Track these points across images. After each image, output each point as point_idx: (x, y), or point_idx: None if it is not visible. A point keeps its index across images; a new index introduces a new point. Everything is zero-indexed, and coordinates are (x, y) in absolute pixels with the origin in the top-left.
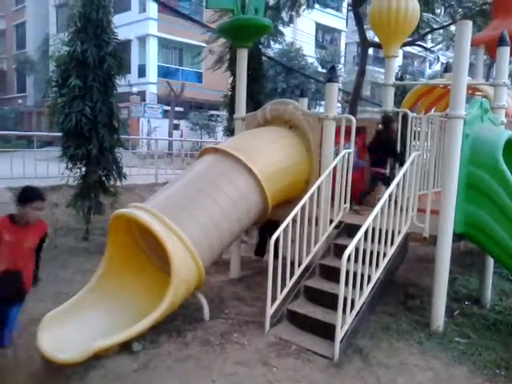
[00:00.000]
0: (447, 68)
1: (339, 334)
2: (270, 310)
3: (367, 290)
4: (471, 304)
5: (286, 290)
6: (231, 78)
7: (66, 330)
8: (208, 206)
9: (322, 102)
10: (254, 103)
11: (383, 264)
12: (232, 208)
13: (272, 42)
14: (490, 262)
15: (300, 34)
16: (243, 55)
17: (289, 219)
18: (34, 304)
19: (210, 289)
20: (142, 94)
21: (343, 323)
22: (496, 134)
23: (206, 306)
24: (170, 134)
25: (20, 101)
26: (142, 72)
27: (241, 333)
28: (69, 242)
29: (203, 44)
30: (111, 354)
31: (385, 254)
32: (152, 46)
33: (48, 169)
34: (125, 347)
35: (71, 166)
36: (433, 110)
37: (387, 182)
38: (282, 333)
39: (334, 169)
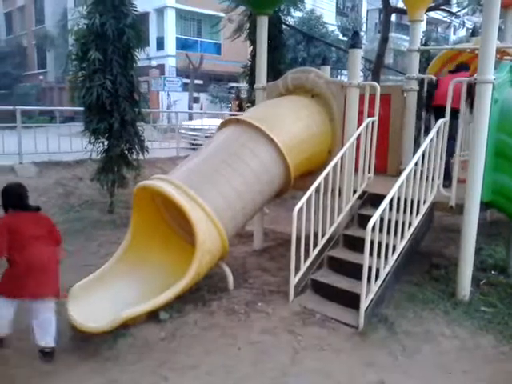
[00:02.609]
0: (474, 32)
1: (364, 303)
2: (294, 280)
3: (392, 259)
4: (497, 274)
5: (309, 261)
6: (251, 48)
7: (95, 300)
8: (231, 178)
9: (344, 72)
10: (274, 73)
11: (408, 234)
12: (255, 179)
13: (292, 10)
14: None
15: (320, 0)
16: (263, 23)
17: (311, 190)
18: (62, 275)
19: (234, 259)
20: (160, 68)
21: (368, 292)
22: None
23: (231, 276)
24: (190, 107)
25: (41, 77)
26: (160, 45)
27: (265, 302)
28: (94, 215)
29: (222, 14)
30: (139, 322)
31: (410, 224)
32: (170, 18)
33: (71, 143)
34: (152, 316)
35: (94, 141)
36: None
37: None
38: (307, 302)
39: (358, 138)
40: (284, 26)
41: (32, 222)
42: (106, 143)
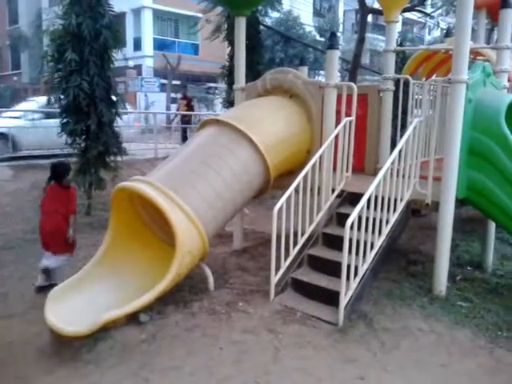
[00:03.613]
0: (448, 32)
1: (343, 300)
2: (275, 279)
3: (370, 256)
4: (473, 269)
5: (289, 260)
6: (229, 49)
7: (74, 304)
8: (210, 178)
9: (321, 72)
10: (252, 74)
11: (386, 231)
12: (234, 179)
13: (269, 11)
14: (492, 227)
15: (297, 1)
16: (241, 24)
17: (291, 189)
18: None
19: (214, 260)
20: (138, 68)
21: (347, 290)
22: (498, 99)
23: (211, 277)
24: (168, 108)
25: (15, 78)
26: (137, 45)
27: (246, 302)
28: None
29: (199, 14)
30: (119, 325)
31: (387, 222)
32: (147, 19)
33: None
34: (132, 319)
35: (70, 142)
36: (434, 75)
37: None
38: (287, 300)
39: (336, 137)
40: (262, 27)
41: (57, 194)
42: (82, 145)
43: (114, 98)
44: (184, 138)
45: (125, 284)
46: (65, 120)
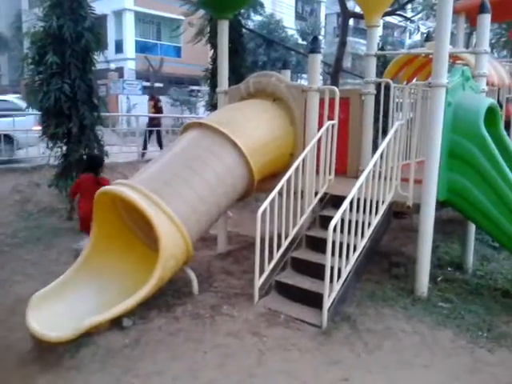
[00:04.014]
0: (428, 37)
1: (327, 303)
2: (259, 282)
3: (353, 259)
4: (454, 270)
5: (273, 262)
6: (212, 52)
7: (56, 309)
8: (194, 181)
9: (304, 75)
10: (235, 77)
11: (368, 233)
12: (218, 183)
13: (252, 14)
14: (472, 228)
15: (280, 4)
16: (224, 27)
17: (275, 192)
18: (21, 285)
19: (198, 264)
20: (119, 71)
21: (330, 292)
22: (477, 102)
23: (195, 280)
24: None
25: None
26: (119, 48)
27: (230, 305)
28: (53, 222)
29: (182, 17)
30: (102, 330)
31: (370, 224)
32: (129, 21)
33: (28, 149)
34: (115, 324)
35: (52, 146)
36: (415, 79)
37: None
38: (271, 303)
39: (319, 141)
40: (244, 30)
41: (90, 183)
42: (64, 148)
43: (95, 100)
44: (145, 142)
45: (108, 289)
46: (45, 123)
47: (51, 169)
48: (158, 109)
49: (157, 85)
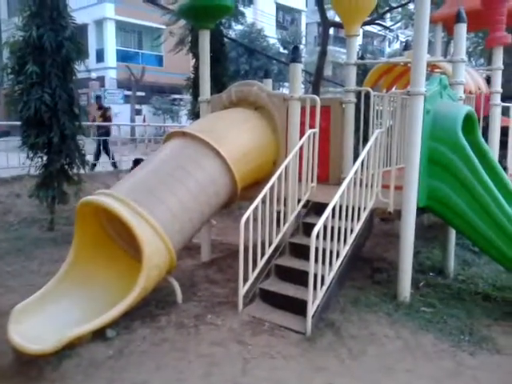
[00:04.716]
0: (407, 46)
1: (311, 310)
2: (243, 290)
3: (336, 265)
4: (435, 275)
5: (257, 270)
6: (193, 61)
7: (38, 321)
8: (177, 191)
9: (285, 84)
10: (217, 86)
11: (351, 240)
12: (201, 191)
13: (233, 23)
14: (452, 234)
15: (261, 14)
16: (205, 37)
17: (258, 200)
18: (1, 297)
19: (182, 273)
20: (101, 80)
21: (314, 299)
22: (455, 110)
23: (179, 290)
24: (132, 120)
25: None
26: (100, 57)
27: (214, 314)
28: (33, 232)
29: (163, 26)
30: (85, 342)
31: (352, 230)
32: (110, 30)
33: (8, 159)
34: (99, 335)
35: (32, 156)
36: (394, 87)
37: None
38: (255, 311)
39: (301, 149)
40: (226, 39)
41: None
42: (45, 158)
43: (76, 110)
44: (99, 153)
45: (90, 299)
46: (26, 133)
47: (32, 179)
48: (106, 117)
49: (139, 94)
